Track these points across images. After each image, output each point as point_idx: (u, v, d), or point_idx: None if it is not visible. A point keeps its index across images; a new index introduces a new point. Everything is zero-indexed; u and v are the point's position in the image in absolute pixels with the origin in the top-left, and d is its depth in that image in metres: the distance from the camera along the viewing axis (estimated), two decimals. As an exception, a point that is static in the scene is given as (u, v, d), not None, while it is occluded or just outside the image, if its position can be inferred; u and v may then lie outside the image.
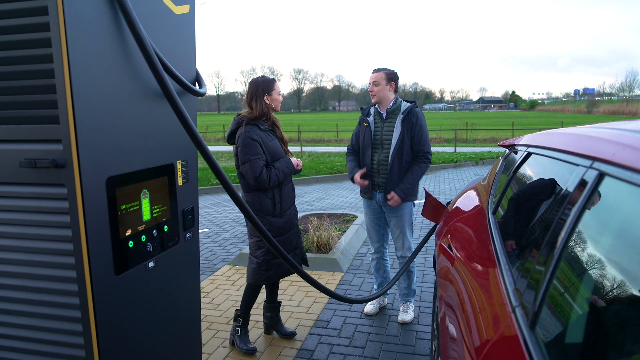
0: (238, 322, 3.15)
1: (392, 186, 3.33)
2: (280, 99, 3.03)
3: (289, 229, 3.09)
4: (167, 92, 1.59)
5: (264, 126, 2.97)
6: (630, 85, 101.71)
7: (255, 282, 3.07)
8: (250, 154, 2.85)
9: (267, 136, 2.96)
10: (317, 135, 27.10)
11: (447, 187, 9.92)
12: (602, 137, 1.25)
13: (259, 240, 3.01)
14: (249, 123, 2.92)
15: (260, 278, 3.04)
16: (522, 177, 1.99)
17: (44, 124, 1.45)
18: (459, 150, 17.07)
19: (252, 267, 3.07)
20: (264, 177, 2.86)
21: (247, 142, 2.86)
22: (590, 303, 0.96)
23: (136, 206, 1.71)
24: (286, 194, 3.07)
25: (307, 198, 9.14)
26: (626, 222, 0.99)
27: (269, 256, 3.00)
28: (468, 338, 1.39)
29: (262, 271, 3.02)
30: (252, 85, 2.98)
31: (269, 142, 2.95)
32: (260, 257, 3.01)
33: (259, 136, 2.90)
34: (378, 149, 3.41)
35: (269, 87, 2.96)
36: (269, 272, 3.03)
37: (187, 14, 1.97)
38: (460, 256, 1.98)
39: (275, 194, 2.99)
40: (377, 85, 3.36)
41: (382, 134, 3.39)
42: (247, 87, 3.06)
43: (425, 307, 3.74)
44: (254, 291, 3.14)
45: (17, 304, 1.60)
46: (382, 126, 3.40)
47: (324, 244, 5.05)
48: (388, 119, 3.39)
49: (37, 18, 1.37)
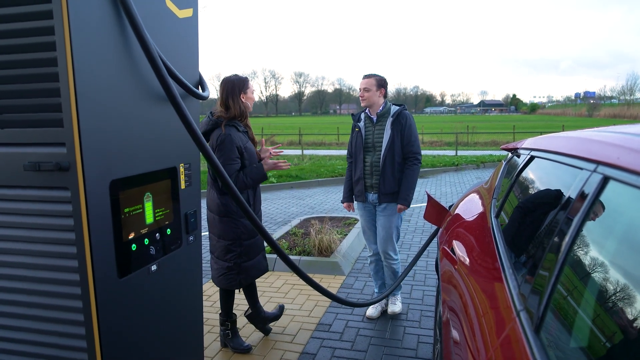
0: (226, 326, 3.14)
1: (386, 187, 3.42)
2: (254, 98, 3.00)
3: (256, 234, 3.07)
4: (170, 96, 1.59)
5: (241, 127, 2.92)
6: (632, 89, 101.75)
7: (227, 287, 3.03)
8: (226, 157, 2.79)
9: (244, 138, 2.93)
10: (318, 139, 27.15)
11: (449, 191, 9.91)
12: (606, 141, 1.24)
13: (230, 243, 2.93)
14: (227, 124, 2.85)
15: (232, 283, 2.99)
16: (525, 181, 1.99)
17: (48, 127, 1.45)
18: (460, 154, 17.07)
19: (221, 272, 2.98)
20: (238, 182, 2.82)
21: (226, 146, 2.79)
22: (595, 307, 0.95)
23: (139, 209, 1.71)
24: (258, 195, 3.08)
25: (308, 201, 9.14)
26: (631, 225, 0.99)
27: (241, 259, 2.95)
28: (472, 342, 1.38)
29: (232, 275, 2.97)
30: (227, 84, 2.90)
31: (247, 144, 2.92)
32: (232, 261, 2.94)
33: (239, 139, 2.86)
34: (370, 152, 3.51)
35: (244, 86, 2.91)
36: (240, 275, 2.98)
37: (191, 17, 1.98)
38: (464, 260, 1.97)
39: (249, 195, 2.97)
40: (367, 91, 3.45)
41: (373, 137, 3.49)
42: (219, 86, 2.96)
43: (427, 311, 3.73)
44: (229, 295, 3.12)
45: (20, 307, 1.60)
46: (373, 130, 3.50)
47: (325, 247, 5.05)
48: (379, 122, 3.48)
49: (42, 22, 1.37)
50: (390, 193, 3.43)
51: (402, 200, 3.41)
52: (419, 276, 4.54)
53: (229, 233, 2.92)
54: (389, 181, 3.41)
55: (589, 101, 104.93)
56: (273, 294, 4.15)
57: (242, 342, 3.14)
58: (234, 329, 3.16)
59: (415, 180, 3.45)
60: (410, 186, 3.42)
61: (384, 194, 3.44)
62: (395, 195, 3.44)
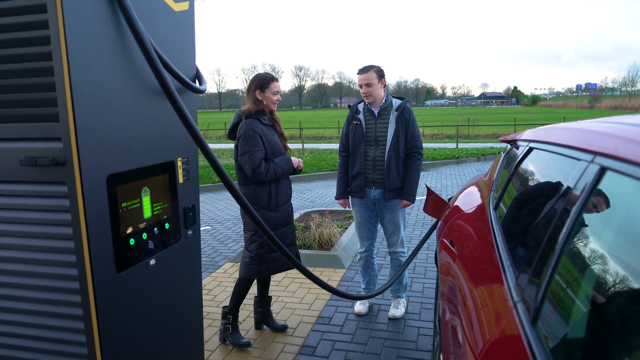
0: (227, 319, 3.15)
1: (391, 183, 3.35)
2: (274, 98, 3.03)
3: (284, 224, 3.10)
4: (166, 89, 1.58)
5: (265, 121, 3.00)
6: (633, 80, 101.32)
7: (247, 275, 3.07)
8: (250, 145, 2.87)
9: (268, 130, 3.00)
10: (318, 132, 27.11)
11: (449, 183, 9.90)
12: (604, 132, 1.24)
13: (253, 234, 3.02)
14: (250, 116, 2.96)
15: (252, 272, 3.04)
16: (523, 173, 1.99)
17: (43, 122, 1.45)
18: (460, 146, 17.04)
19: (245, 260, 3.07)
20: (261, 169, 2.87)
21: (248, 134, 2.89)
22: (592, 298, 0.95)
23: (137, 204, 1.71)
24: (282, 189, 3.08)
25: (308, 195, 9.14)
26: (628, 216, 0.99)
27: (262, 250, 3.00)
28: (470, 334, 1.38)
29: (254, 265, 3.03)
30: (251, 80, 3.05)
31: (269, 136, 2.98)
32: (254, 251, 3.01)
33: (260, 129, 2.93)
34: (372, 145, 3.41)
35: (263, 85, 2.99)
36: (261, 266, 3.03)
37: (187, 10, 1.96)
38: (462, 252, 1.97)
39: (272, 187, 3.00)
40: (370, 85, 3.33)
41: (375, 130, 3.39)
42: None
43: (427, 304, 3.74)
44: (245, 286, 3.14)
45: (18, 302, 1.60)
46: (375, 123, 3.40)
47: (325, 240, 5.06)
48: (381, 115, 3.39)
49: (36, 16, 1.37)
50: (395, 189, 3.37)
51: (407, 196, 3.38)
52: (419, 269, 4.54)
53: (252, 223, 2.99)
54: (394, 177, 3.34)
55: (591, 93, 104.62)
56: (274, 287, 4.16)
57: (241, 337, 3.15)
58: (234, 324, 3.16)
59: (419, 175, 3.42)
60: (414, 182, 3.39)
61: (389, 190, 3.37)
62: (399, 190, 3.38)
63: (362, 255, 3.67)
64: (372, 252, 3.68)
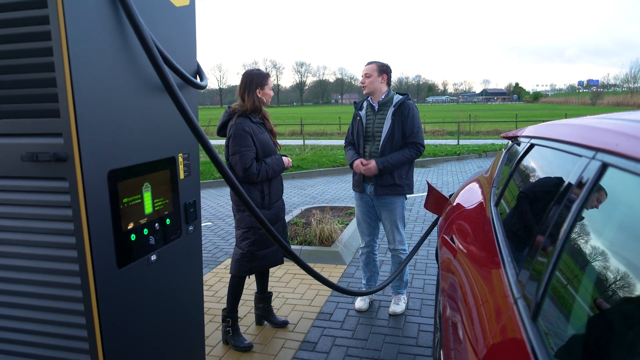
0: (227, 323, 3.11)
1: (383, 178, 3.32)
2: (271, 94, 3.03)
3: (275, 221, 3.11)
4: (167, 85, 1.58)
5: (255, 119, 2.98)
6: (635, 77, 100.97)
7: (238, 273, 3.06)
8: (241, 146, 2.86)
9: (258, 129, 2.97)
10: (319, 129, 27.04)
11: (450, 180, 9.90)
12: (605, 128, 1.23)
13: (246, 231, 3.01)
14: (240, 115, 2.93)
15: (243, 269, 3.04)
16: (525, 169, 1.98)
17: (44, 118, 1.45)
18: (462, 143, 17.02)
19: (235, 258, 3.06)
20: (253, 170, 2.87)
21: (238, 134, 2.87)
22: (593, 295, 0.95)
23: (138, 199, 1.71)
24: (275, 187, 3.08)
25: (309, 191, 9.14)
26: (629, 213, 0.99)
27: (254, 247, 3.00)
28: (470, 330, 1.38)
29: (245, 262, 3.02)
30: (247, 78, 2.97)
31: (260, 135, 2.97)
32: (245, 248, 3.01)
33: (250, 128, 2.91)
34: (370, 141, 3.41)
35: (262, 82, 2.97)
36: (252, 263, 3.03)
37: (188, 6, 1.96)
38: (463, 248, 1.97)
39: (264, 186, 3.00)
40: (368, 77, 3.35)
41: (373, 126, 3.39)
42: (240, 78, 3.04)
43: (427, 300, 3.75)
44: (238, 284, 3.12)
45: (19, 297, 1.60)
46: (374, 118, 3.39)
47: (326, 236, 5.06)
48: (380, 111, 3.38)
49: (37, 11, 1.36)
50: (387, 185, 3.32)
51: (379, 160, 3.24)
52: (419, 265, 4.55)
53: (245, 221, 3.00)
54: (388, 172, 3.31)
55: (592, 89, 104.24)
56: (274, 283, 4.17)
57: (243, 339, 3.11)
58: (235, 326, 3.12)
59: (405, 159, 3.27)
60: (396, 158, 3.25)
61: (380, 186, 3.33)
62: (393, 187, 3.33)
63: (363, 250, 3.68)
64: (374, 248, 3.67)
